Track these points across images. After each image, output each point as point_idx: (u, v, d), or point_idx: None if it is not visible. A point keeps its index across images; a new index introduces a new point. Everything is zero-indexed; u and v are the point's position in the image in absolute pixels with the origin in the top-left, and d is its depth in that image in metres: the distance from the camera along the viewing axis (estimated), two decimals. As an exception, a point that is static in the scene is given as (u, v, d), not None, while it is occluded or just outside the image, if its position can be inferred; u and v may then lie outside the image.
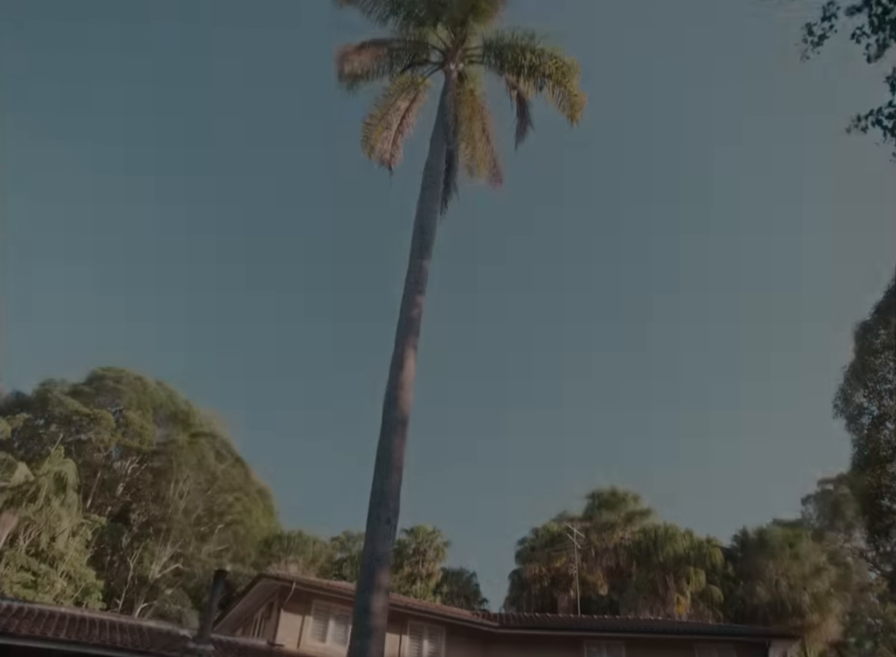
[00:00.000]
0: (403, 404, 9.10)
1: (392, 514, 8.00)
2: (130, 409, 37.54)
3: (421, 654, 18.09)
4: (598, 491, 37.57)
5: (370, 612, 7.65)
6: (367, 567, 7.84)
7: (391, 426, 8.81)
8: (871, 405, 15.23)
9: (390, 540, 7.92)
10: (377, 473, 8.28)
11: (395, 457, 8.45)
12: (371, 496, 8.25)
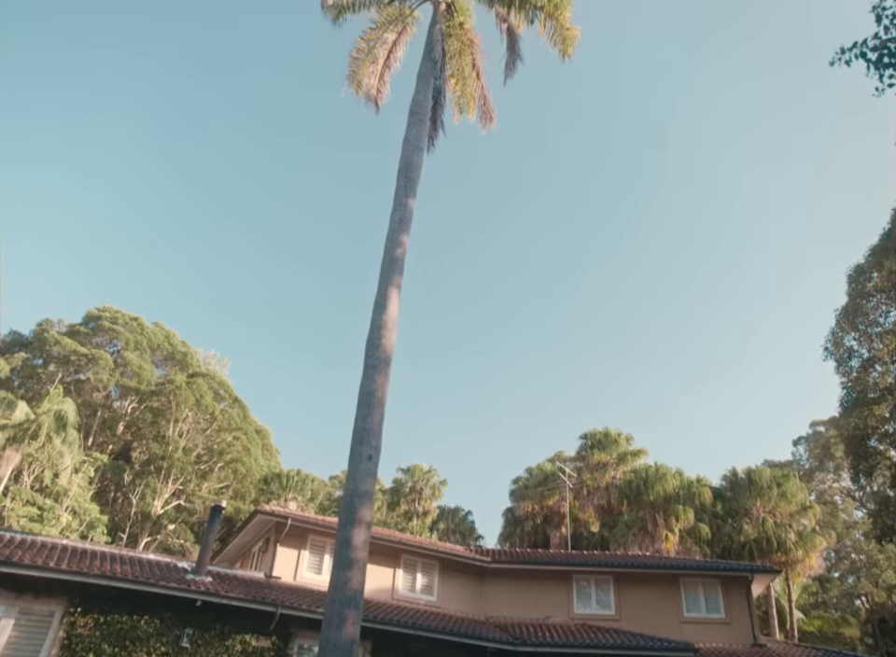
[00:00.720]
0: (386, 343, 9.09)
1: (374, 451, 8.10)
2: (127, 349, 37.71)
3: (414, 587, 18.67)
4: (592, 432, 38.22)
5: (350, 545, 7.86)
6: (348, 503, 8.01)
7: (374, 365, 8.83)
8: (861, 348, 15.21)
9: (371, 477, 8.04)
10: (359, 411, 8.37)
11: (377, 396, 8.50)
12: (353, 434, 8.36)
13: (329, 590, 8.00)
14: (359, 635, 7.88)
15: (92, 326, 37.04)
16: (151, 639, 12.91)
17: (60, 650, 12.22)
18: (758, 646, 19.02)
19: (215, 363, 47.58)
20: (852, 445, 15.46)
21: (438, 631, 15.54)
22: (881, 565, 42.27)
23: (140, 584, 12.86)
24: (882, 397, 14.68)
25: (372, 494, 8.37)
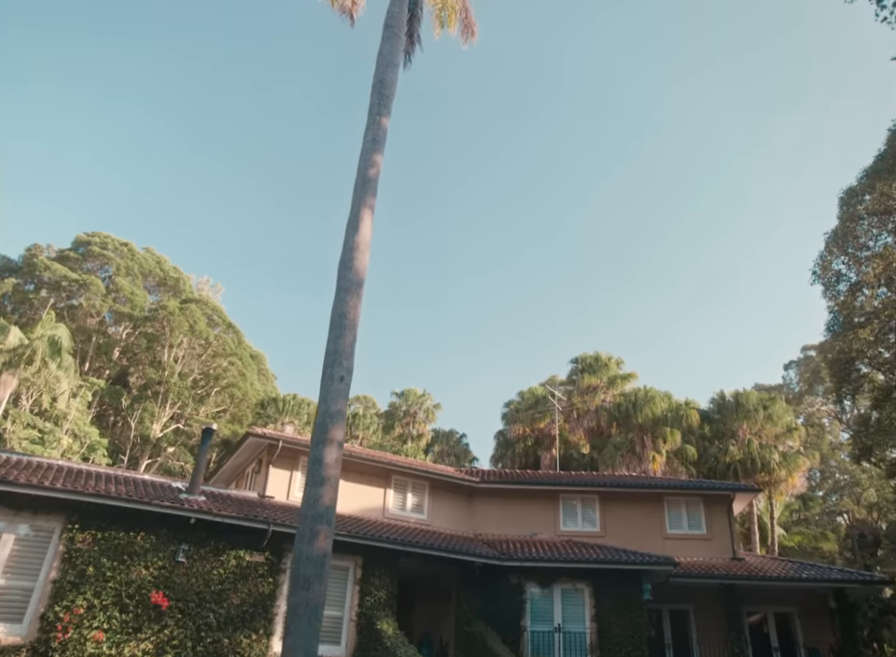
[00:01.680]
0: (358, 265, 8.97)
1: (346, 373, 8.15)
2: (119, 275, 37.47)
3: (405, 506, 19.25)
4: (582, 356, 38.60)
5: (322, 463, 8.05)
6: (320, 423, 8.15)
7: (346, 287, 8.75)
8: (849, 272, 15.09)
9: (343, 398, 8.13)
10: (331, 333, 8.37)
11: (349, 318, 8.48)
12: (325, 356, 8.41)
13: (301, 506, 8.25)
14: (332, 548, 8.18)
15: (82, 251, 36.64)
16: (148, 554, 13.37)
17: (61, 562, 12.67)
18: (736, 560, 19.82)
19: (208, 289, 47.44)
20: (836, 369, 15.60)
21: (427, 547, 16.10)
22: (863, 484, 43.62)
23: (134, 503, 13.22)
24: (868, 320, 14.68)
25: (344, 414, 8.48)
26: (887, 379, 15.47)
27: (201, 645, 13.12)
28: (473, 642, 15.63)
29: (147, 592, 13.03)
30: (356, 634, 14.81)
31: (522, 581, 16.77)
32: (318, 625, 7.43)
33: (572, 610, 16.75)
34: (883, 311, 14.38)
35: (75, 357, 33.37)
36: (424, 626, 18.04)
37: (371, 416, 47.09)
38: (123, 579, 12.94)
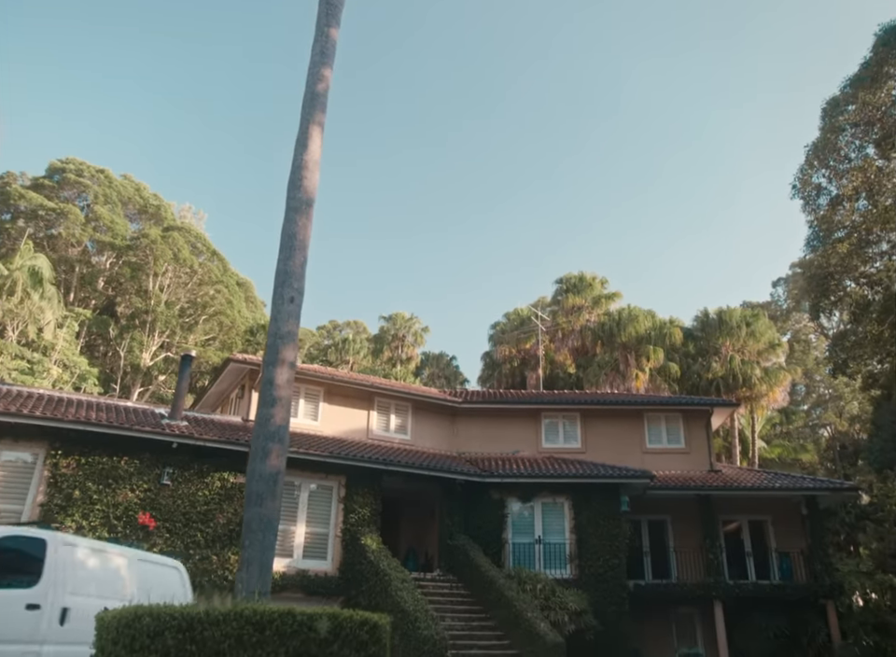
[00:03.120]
0: (308, 184, 8.73)
1: (296, 293, 8.09)
2: (97, 203, 36.66)
3: (389, 428, 19.58)
4: (567, 276, 38.50)
5: (274, 384, 8.11)
6: (271, 345, 8.17)
7: (295, 207, 8.55)
8: (830, 185, 14.78)
9: (294, 319, 8.11)
10: (281, 254, 8.25)
11: (299, 238, 8.34)
12: (275, 277, 8.32)
13: (254, 426, 8.37)
14: (285, 467, 8.42)
15: (57, 179, 35.67)
16: (133, 478, 13.65)
17: (47, 487, 12.95)
18: (713, 471, 20.42)
19: (190, 216, 46.58)
20: (815, 284, 15.56)
21: (409, 465, 16.48)
22: (846, 397, 44.53)
23: (115, 428, 13.39)
24: (848, 234, 14.54)
25: (295, 335, 8.50)
26: (864, 293, 15.49)
27: (190, 562, 13.55)
28: (456, 554, 16.24)
29: (134, 513, 13.38)
30: (341, 549, 15.34)
31: (503, 497, 17.28)
32: (273, 539, 7.68)
33: (552, 523, 17.32)
34: (861, 224, 14.21)
35: (58, 288, 33.06)
36: (409, 542, 18.69)
37: (361, 341, 47.31)
38: (110, 501, 13.26)
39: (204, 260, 40.50)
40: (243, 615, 4.91)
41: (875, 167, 13.63)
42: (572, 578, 16.29)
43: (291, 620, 4.95)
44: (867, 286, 15.46)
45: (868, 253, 14.59)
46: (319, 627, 4.91)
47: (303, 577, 14.68)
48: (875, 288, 15.21)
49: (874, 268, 15.12)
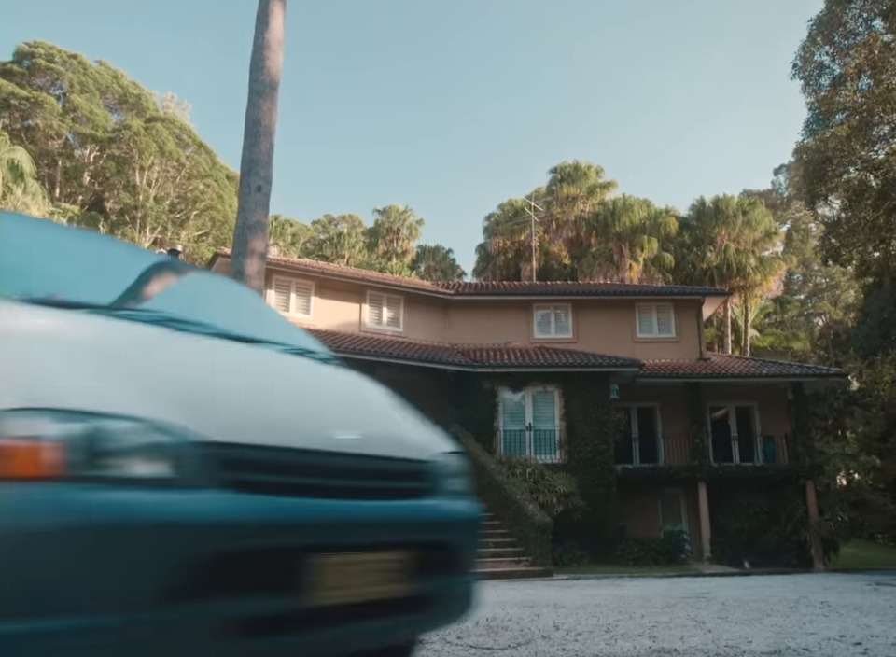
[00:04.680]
0: (271, 66, 8.24)
1: (263, 182, 7.82)
2: (73, 92, 34.99)
3: (381, 321, 19.72)
4: (562, 166, 37.46)
5: (244, 276, 8.03)
6: (239, 235, 7.99)
7: (258, 91, 8.11)
8: (832, 64, 13.96)
9: (262, 208, 7.90)
10: (246, 141, 7.90)
11: (264, 124, 7.96)
12: (241, 165, 8.01)
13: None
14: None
15: (27, 65, 33.81)
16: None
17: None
18: (703, 360, 20.76)
19: (173, 107, 44.65)
20: (811, 169, 15.08)
21: (401, 357, 16.74)
22: (842, 286, 44.56)
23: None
24: (849, 116, 13.90)
25: (264, 225, 8.29)
26: (862, 178, 15.07)
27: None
28: (447, 443, 16.82)
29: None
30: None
31: (495, 386, 17.65)
32: None
33: (543, 411, 17.80)
34: (863, 105, 13.57)
35: (42, 183, 32.24)
36: (404, 430, 19.29)
37: (356, 235, 46.71)
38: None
39: (191, 153, 39.23)
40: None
41: (880, 42, 12.81)
42: (561, 463, 16.93)
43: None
44: (865, 172, 15.01)
45: (868, 136, 14.04)
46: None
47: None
48: (873, 173, 14.79)
49: (873, 152, 14.63)
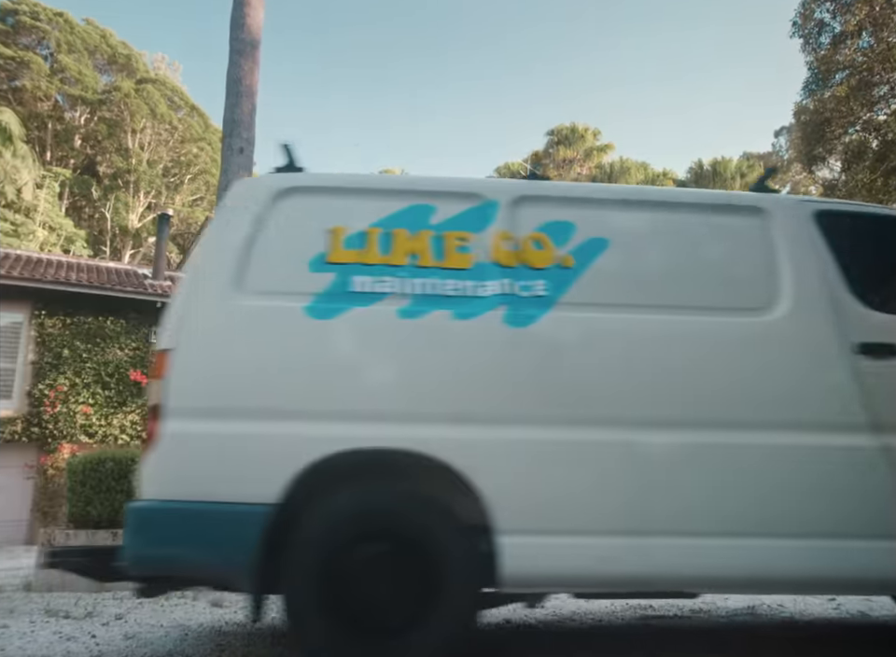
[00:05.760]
0: (251, 23, 7.99)
1: (245, 144, 7.66)
2: (61, 52, 34.23)
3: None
4: (558, 128, 36.91)
5: None
6: (222, 199, 7.81)
7: (239, 49, 7.86)
8: (833, 21, 13.64)
9: (245, 171, 7.73)
10: (227, 101, 7.67)
11: (245, 83, 7.74)
12: (223, 126, 7.80)
13: None
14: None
15: (11, 23, 32.93)
16: (121, 337, 13.90)
17: (36, 346, 13.23)
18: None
19: (164, 68, 43.73)
20: (809, 130, 14.87)
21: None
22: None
23: (95, 289, 13.43)
24: (849, 76, 13.66)
25: None
26: (861, 139, 14.86)
27: (185, 415, 14.18)
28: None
29: (125, 371, 13.76)
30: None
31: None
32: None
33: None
34: (863, 64, 13.32)
35: (32, 146, 31.76)
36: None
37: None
38: (100, 359, 13.59)
39: (184, 116, 38.60)
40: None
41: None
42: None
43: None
44: (864, 133, 14.80)
45: (868, 96, 13.80)
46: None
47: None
48: (872, 134, 14.57)
49: (872, 113, 14.39)
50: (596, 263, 3.00)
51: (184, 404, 2.74)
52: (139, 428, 13.66)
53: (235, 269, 2.90)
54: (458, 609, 2.63)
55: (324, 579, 2.61)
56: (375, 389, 2.78)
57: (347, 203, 3.10)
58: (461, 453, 2.70)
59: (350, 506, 2.73)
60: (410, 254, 2.97)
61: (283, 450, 2.69)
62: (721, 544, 2.72)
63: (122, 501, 5.15)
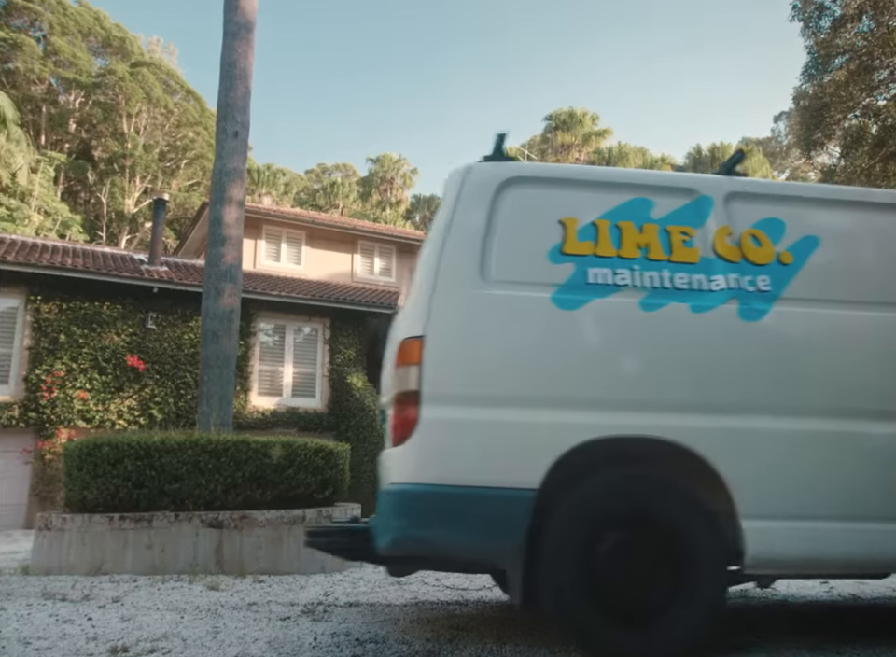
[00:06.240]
0: (245, 5, 7.87)
1: (240, 127, 7.62)
2: (54, 34, 33.86)
3: (373, 271, 19.60)
4: (557, 113, 36.72)
5: (222, 223, 7.90)
6: (217, 182, 7.83)
7: (233, 32, 7.79)
8: (833, 5, 13.51)
9: (240, 155, 7.71)
10: (222, 85, 7.63)
11: (239, 67, 7.69)
12: (217, 110, 7.78)
13: (205, 266, 8.28)
14: (240, 305, 8.49)
15: (3, 3, 32.45)
16: (117, 322, 13.86)
17: (32, 331, 13.19)
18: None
19: (159, 51, 43.34)
20: (808, 115, 14.78)
21: (392, 307, 16.67)
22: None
23: (91, 274, 13.37)
24: (848, 60, 13.55)
25: (242, 172, 8.14)
26: (860, 124, 14.77)
27: (182, 401, 14.15)
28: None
29: (122, 356, 13.73)
30: (329, 388, 15.99)
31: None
32: (231, 375, 7.87)
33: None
34: (862, 48, 13.22)
35: (26, 130, 31.52)
36: (397, 379, 19.37)
37: (350, 184, 46.05)
38: (97, 345, 13.56)
39: (180, 100, 38.28)
40: (198, 444, 5.15)
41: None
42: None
43: (246, 447, 5.21)
44: (864, 118, 14.71)
45: (867, 81, 13.71)
46: (272, 454, 5.17)
47: (293, 413, 15.39)
48: (871, 119, 14.49)
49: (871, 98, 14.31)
50: (810, 260, 3.16)
51: (442, 391, 2.82)
52: (136, 414, 13.67)
53: (478, 258, 2.98)
54: (713, 587, 2.77)
55: (582, 560, 2.73)
56: (625, 379, 2.90)
57: (572, 195, 3.21)
58: (706, 441, 2.84)
59: (603, 491, 2.84)
60: (640, 247, 3.09)
61: (543, 437, 2.81)
62: None
63: (118, 485, 5.19)
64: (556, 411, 2.82)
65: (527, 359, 2.90)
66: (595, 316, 2.94)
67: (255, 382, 15.23)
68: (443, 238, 3.07)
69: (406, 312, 3.09)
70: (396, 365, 2.99)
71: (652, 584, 2.74)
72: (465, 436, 2.80)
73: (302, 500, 5.59)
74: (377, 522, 2.93)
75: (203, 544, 5.20)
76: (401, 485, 2.82)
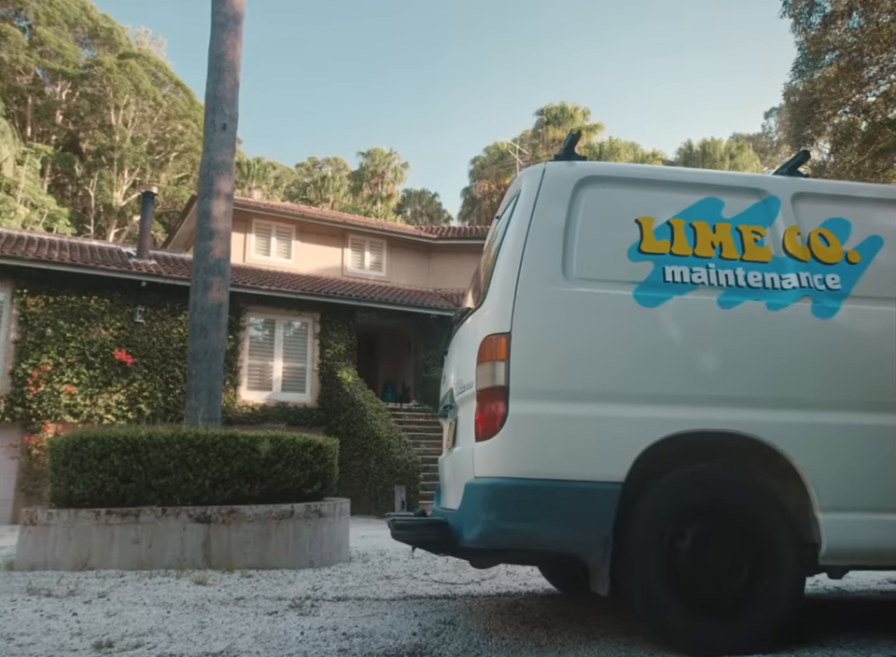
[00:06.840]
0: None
1: (228, 120, 7.55)
2: (40, 24, 33.44)
3: (363, 265, 19.53)
4: (548, 107, 36.63)
5: (210, 216, 7.84)
6: (205, 175, 7.77)
7: (221, 23, 7.71)
8: (824, 1, 13.50)
9: (229, 147, 7.65)
10: (210, 77, 7.56)
11: (228, 59, 7.62)
12: (205, 102, 7.70)
13: (193, 260, 8.22)
14: (228, 299, 8.45)
15: (-14, -7, 32.15)
16: (105, 316, 13.75)
17: (18, 325, 13.05)
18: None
19: (147, 42, 42.90)
20: (798, 111, 14.82)
21: (382, 302, 16.65)
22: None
23: (78, 267, 13.24)
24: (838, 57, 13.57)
25: (230, 165, 8.07)
26: (850, 120, 14.83)
27: (171, 395, 14.06)
28: (431, 386, 16.91)
29: (110, 350, 13.62)
30: (319, 382, 15.93)
31: (477, 330, 17.65)
32: (219, 369, 7.84)
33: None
34: (853, 44, 13.25)
35: (12, 122, 31.18)
36: (387, 375, 19.35)
37: (341, 178, 45.78)
38: (84, 339, 13.44)
39: (168, 92, 37.93)
40: (185, 438, 5.11)
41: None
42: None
43: (234, 442, 5.17)
44: (853, 114, 14.77)
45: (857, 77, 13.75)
46: (261, 448, 5.14)
47: (283, 408, 15.32)
48: (861, 116, 14.54)
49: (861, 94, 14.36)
50: (876, 259, 3.25)
51: (529, 386, 2.87)
52: (124, 408, 13.57)
53: (560, 256, 3.05)
54: (792, 579, 2.85)
55: (665, 552, 2.80)
56: (705, 375, 2.97)
57: (646, 195, 3.28)
58: (784, 435, 2.92)
59: (686, 484, 2.91)
60: (714, 246, 3.17)
61: (628, 432, 2.86)
62: None
63: (105, 480, 5.14)
64: (640, 406, 2.89)
65: (611, 355, 2.96)
66: (675, 314, 3.01)
67: (244, 376, 15.16)
68: (524, 236, 3.10)
69: (486, 308, 3.11)
70: (479, 361, 3.01)
71: (735, 576, 2.81)
72: (552, 430, 2.86)
73: (291, 495, 5.58)
74: (462, 515, 2.95)
75: (190, 539, 5.18)
76: (490, 479, 2.84)
